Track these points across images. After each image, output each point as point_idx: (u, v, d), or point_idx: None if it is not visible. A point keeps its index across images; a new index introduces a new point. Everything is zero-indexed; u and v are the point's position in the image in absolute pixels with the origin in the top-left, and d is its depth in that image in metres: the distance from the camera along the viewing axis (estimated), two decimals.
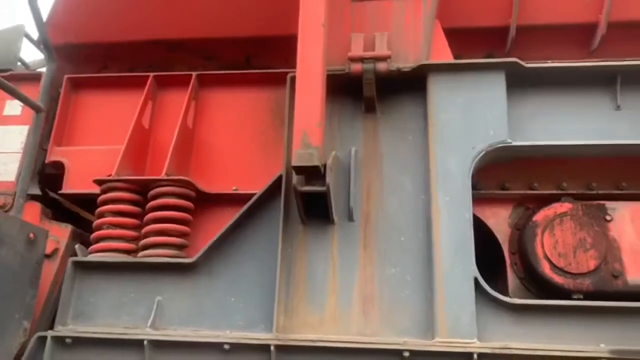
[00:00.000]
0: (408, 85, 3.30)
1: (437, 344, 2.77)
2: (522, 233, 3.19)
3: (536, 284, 3.14)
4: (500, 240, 3.31)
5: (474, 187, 3.32)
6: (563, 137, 3.15)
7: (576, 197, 3.24)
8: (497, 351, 2.72)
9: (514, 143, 3.08)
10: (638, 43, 3.60)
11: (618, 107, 3.19)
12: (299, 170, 2.77)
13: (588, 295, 2.97)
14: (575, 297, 2.98)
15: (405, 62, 3.26)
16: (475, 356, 2.71)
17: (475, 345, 2.74)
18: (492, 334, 2.81)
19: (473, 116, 3.14)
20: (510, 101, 3.21)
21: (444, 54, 3.37)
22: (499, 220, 3.36)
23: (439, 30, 3.44)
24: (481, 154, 3.06)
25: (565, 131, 3.18)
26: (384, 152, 3.29)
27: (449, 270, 2.89)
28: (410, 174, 3.19)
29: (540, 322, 2.80)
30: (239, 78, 3.82)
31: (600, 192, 3.26)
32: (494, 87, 3.17)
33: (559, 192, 3.28)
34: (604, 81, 3.19)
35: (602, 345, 2.68)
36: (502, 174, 3.39)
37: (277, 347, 2.87)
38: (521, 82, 3.23)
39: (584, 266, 3.00)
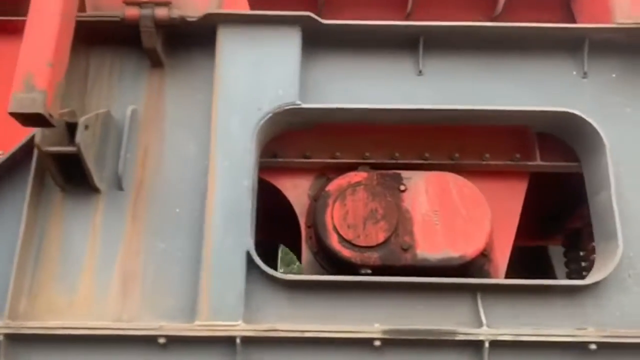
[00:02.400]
0: (199, 38, 2.93)
1: (196, 327, 2.42)
2: (315, 204, 2.93)
3: (327, 258, 2.89)
4: (298, 213, 3.03)
5: (273, 156, 3.06)
6: (362, 101, 2.91)
7: (377, 167, 3.03)
8: (263, 334, 2.42)
9: (304, 105, 2.79)
10: (450, 7, 3.44)
11: (420, 73, 3.00)
12: (20, 118, 2.28)
13: (377, 270, 2.75)
14: (363, 272, 2.75)
15: (194, 11, 2.87)
16: (238, 340, 2.40)
17: (239, 328, 2.42)
18: (265, 314, 2.51)
19: (262, 74, 2.82)
20: (308, 61, 2.94)
21: (239, 5, 3.03)
22: (300, 192, 3.07)
23: None
24: (268, 116, 2.75)
25: (365, 95, 2.93)
26: (168, 111, 2.90)
27: (219, 244, 2.55)
28: (195, 137, 2.83)
29: (316, 301, 2.54)
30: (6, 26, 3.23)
31: (401, 161, 3.06)
32: (287, 43, 2.86)
33: (358, 161, 3.05)
34: (406, 44, 2.98)
35: (377, 325, 2.46)
36: (305, 142, 3.10)
37: (7, 336, 2.39)
38: (320, 41, 2.95)
39: (373, 239, 2.77)
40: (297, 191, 3.08)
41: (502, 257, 2.97)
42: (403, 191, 2.89)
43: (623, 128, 2.87)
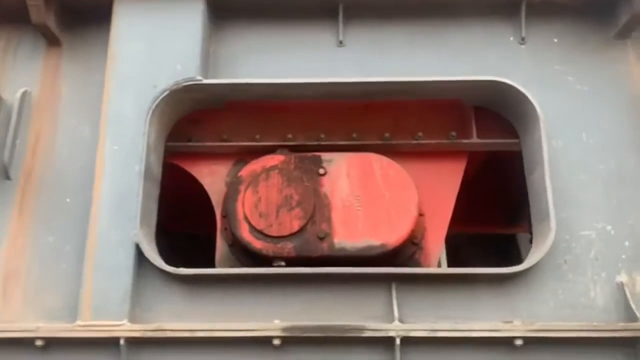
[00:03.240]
0: (96, 12, 2.69)
1: (77, 328, 2.19)
2: (227, 191, 2.68)
3: (241, 251, 2.63)
4: (214, 203, 2.77)
5: (188, 140, 2.82)
6: (279, 75, 2.65)
7: (300, 150, 2.76)
8: (150, 334, 2.17)
9: (205, 81, 2.54)
10: None
11: (341, 43, 2.74)
12: None
13: (291, 262, 2.49)
14: (276, 264, 2.50)
15: None
16: (122, 341, 2.16)
17: (123, 328, 2.18)
18: (157, 313, 2.27)
19: (159, 49, 2.58)
20: (220, 34, 2.73)
21: None
22: (217, 179, 2.81)
23: None
24: (165, 94, 2.50)
25: (282, 69, 2.69)
26: (64, 94, 2.68)
27: (105, 236, 2.31)
28: (90, 121, 2.59)
29: (214, 296, 2.29)
30: None
31: (326, 143, 2.79)
32: (189, 14, 2.61)
33: (279, 143, 2.79)
34: (325, 13, 2.72)
35: (277, 322, 2.21)
36: (223, 124, 2.84)
37: None
38: (231, 12, 2.72)
39: (287, 228, 2.50)
40: (213, 178, 2.82)
41: (434, 245, 2.69)
42: (322, 175, 2.62)
43: (564, 98, 2.59)
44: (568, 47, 2.68)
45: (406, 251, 2.64)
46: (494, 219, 3.90)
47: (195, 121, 2.81)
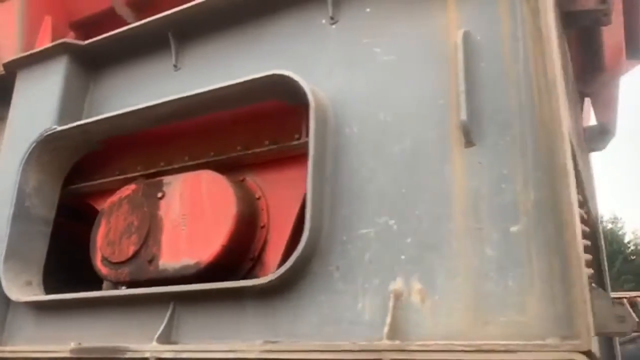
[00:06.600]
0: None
1: None
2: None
3: None
4: None
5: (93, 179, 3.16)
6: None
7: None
8: None
9: (59, 128, 2.86)
10: None
11: (176, 67, 2.79)
12: None
13: (130, 286, 2.60)
14: (119, 289, 2.64)
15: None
16: None
17: None
18: (17, 339, 2.64)
19: (32, 107, 3.01)
20: (96, 83, 3.07)
21: (43, 44, 3.27)
22: None
23: (47, 27, 3.34)
24: (32, 146, 2.89)
25: (131, 103, 2.84)
26: None
27: None
28: None
29: (55, 321, 2.56)
30: None
31: (190, 164, 2.82)
32: (54, 72, 2.99)
33: (147, 172, 2.92)
34: (161, 41, 2.81)
35: (72, 344, 2.35)
36: (120, 160, 3.10)
37: None
38: (96, 61, 3.04)
39: (124, 253, 2.62)
40: None
41: (274, 258, 2.49)
42: (160, 198, 2.69)
43: (366, 75, 2.19)
44: (381, 13, 2.25)
45: (243, 267, 2.52)
46: None
47: (104, 162, 3.16)
